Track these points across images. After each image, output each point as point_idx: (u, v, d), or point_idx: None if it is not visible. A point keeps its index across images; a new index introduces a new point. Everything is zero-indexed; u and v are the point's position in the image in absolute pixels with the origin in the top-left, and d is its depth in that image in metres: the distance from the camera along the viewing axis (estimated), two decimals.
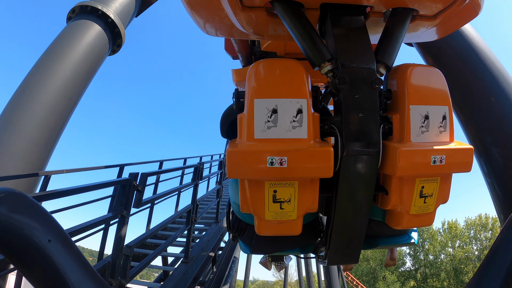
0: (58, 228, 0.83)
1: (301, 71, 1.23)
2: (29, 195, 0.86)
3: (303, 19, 1.25)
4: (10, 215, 0.77)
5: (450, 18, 1.35)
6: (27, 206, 0.81)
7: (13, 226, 0.76)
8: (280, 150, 1.12)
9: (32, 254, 0.76)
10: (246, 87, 1.23)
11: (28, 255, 0.76)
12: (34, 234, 0.77)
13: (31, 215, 0.80)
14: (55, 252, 0.78)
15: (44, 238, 0.78)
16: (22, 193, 0.85)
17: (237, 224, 1.75)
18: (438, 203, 1.32)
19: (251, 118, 1.18)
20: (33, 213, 0.81)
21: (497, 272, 0.90)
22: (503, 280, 0.87)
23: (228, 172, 1.16)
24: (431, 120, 1.25)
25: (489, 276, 0.91)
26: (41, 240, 0.77)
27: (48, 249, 0.77)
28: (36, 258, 0.76)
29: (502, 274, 0.88)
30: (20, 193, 0.84)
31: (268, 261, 3.32)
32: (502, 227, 1.04)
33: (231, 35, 1.57)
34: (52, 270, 0.77)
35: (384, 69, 1.27)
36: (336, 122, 1.21)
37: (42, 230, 0.79)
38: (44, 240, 0.77)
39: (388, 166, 1.21)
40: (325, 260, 1.56)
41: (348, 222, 1.33)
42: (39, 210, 0.83)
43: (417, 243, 1.83)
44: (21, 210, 0.80)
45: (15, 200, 0.81)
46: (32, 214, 0.80)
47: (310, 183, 1.23)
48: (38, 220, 0.80)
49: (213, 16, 1.37)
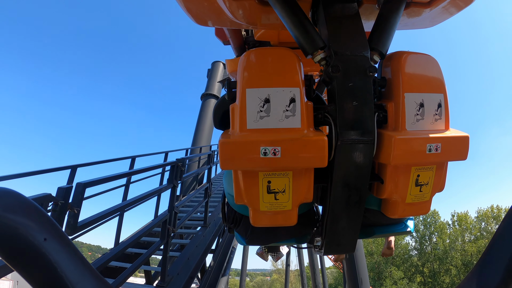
0: (53, 227, 0.83)
1: (293, 59, 1.20)
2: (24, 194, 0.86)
3: (295, 7, 1.22)
4: (4, 215, 0.77)
5: (444, 6, 1.33)
6: (21, 205, 0.81)
7: (8, 225, 0.76)
8: (273, 140, 1.11)
9: (28, 253, 0.76)
10: (238, 77, 1.21)
11: (24, 254, 0.76)
12: (30, 233, 0.77)
13: (26, 214, 0.79)
14: (51, 251, 0.78)
15: (39, 237, 0.77)
16: (16, 192, 0.84)
17: (232, 216, 1.75)
18: (434, 192, 1.33)
19: (243, 108, 1.16)
20: (28, 212, 0.80)
21: (499, 261, 0.89)
22: (506, 269, 0.87)
23: (221, 163, 1.15)
24: (426, 108, 1.23)
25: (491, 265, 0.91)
26: (36, 239, 0.77)
27: (44, 247, 0.77)
28: (33, 257, 0.76)
29: (505, 263, 0.88)
30: (15, 192, 0.83)
31: (265, 252, 3.35)
32: (503, 217, 1.03)
33: (224, 25, 1.54)
34: (49, 269, 0.77)
35: (378, 56, 1.26)
36: (330, 111, 1.20)
37: (38, 229, 0.78)
38: (40, 238, 0.77)
39: (383, 155, 1.21)
40: (321, 250, 1.57)
41: (343, 211, 1.33)
42: (34, 209, 0.82)
43: (413, 231, 1.84)
44: (16, 209, 0.79)
45: (10, 199, 0.81)
46: (27, 213, 0.80)
47: (305, 173, 1.23)
48: (33, 219, 0.80)
49: (205, 6, 1.33)
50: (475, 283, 0.96)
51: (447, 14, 1.45)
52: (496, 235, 1.00)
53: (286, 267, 17.09)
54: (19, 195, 0.83)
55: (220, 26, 1.57)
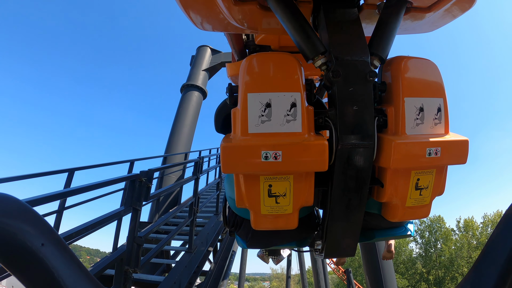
0: (51, 232, 0.82)
1: (294, 64, 1.21)
2: (21, 199, 0.85)
3: (296, 12, 1.23)
4: (2, 220, 0.76)
5: (444, 10, 1.33)
6: (19, 210, 0.80)
7: (5, 231, 0.75)
8: (274, 144, 1.12)
9: (26, 258, 0.75)
10: (240, 82, 1.22)
11: (22, 259, 0.76)
12: (27, 238, 0.76)
13: (24, 219, 0.79)
14: (49, 256, 0.77)
15: (37, 242, 0.77)
16: (14, 197, 0.83)
17: (233, 219, 1.75)
18: (433, 195, 1.33)
19: (245, 112, 1.17)
20: (26, 217, 0.80)
21: (494, 266, 0.90)
22: (499, 275, 0.87)
23: (223, 167, 1.15)
24: (426, 112, 1.24)
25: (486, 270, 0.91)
26: (34, 244, 0.76)
27: (42, 253, 0.76)
28: (30, 263, 0.76)
29: (498, 268, 0.88)
30: (12, 197, 0.83)
31: (265, 255, 3.35)
32: (498, 223, 1.04)
33: (226, 30, 1.55)
34: (46, 274, 0.76)
35: (378, 61, 1.26)
36: (330, 115, 1.21)
37: (35, 234, 0.78)
38: (37, 244, 0.77)
39: (383, 159, 1.21)
40: (322, 253, 1.57)
41: (344, 215, 1.33)
42: (32, 214, 0.81)
43: (413, 235, 1.84)
44: (13, 214, 0.79)
45: (7, 205, 0.80)
46: (25, 218, 0.79)
47: (305, 177, 1.23)
48: (31, 224, 0.79)
49: (207, 11, 1.34)
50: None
51: (447, 19, 1.45)
52: (489, 241, 1.00)
53: (287, 279, 16.44)
54: (16, 200, 0.82)
55: (221, 30, 1.58)
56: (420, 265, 32.65)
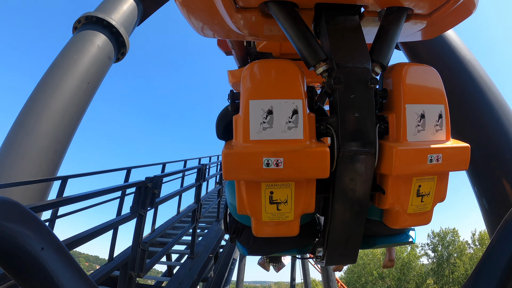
0: (51, 236, 0.82)
1: (296, 71, 1.22)
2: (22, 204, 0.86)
3: (298, 19, 1.24)
4: (3, 224, 0.76)
5: (445, 17, 1.34)
6: (20, 214, 0.81)
7: (6, 234, 0.75)
8: (276, 151, 1.12)
9: (26, 262, 0.76)
10: (241, 88, 1.22)
11: (22, 263, 0.76)
12: (27, 242, 0.76)
13: (24, 224, 0.79)
14: (49, 260, 0.77)
15: (37, 246, 0.77)
16: (15, 201, 0.84)
17: (235, 226, 1.74)
18: (435, 202, 1.32)
19: (247, 119, 1.17)
20: (26, 221, 0.80)
21: (493, 273, 0.90)
22: (499, 281, 0.87)
23: (224, 173, 1.15)
24: (427, 119, 1.24)
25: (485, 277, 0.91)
26: (34, 248, 0.76)
27: (42, 257, 0.77)
28: (30, 267, 0.76)
29: (498, 275, 0.88)
30: (13, 202, 0.83)
31: (266, 262, 3.32)
32: (497, 229, 1.03)
33: (227, 37, 1.56)
34: (46, 278, 0.76)
35: (380, 68, 1.27)
36: (332, 122, 1.21)
37: (35, 238, 0.78)
38: (37, 248, 0.77)
39: (385, 166, 1.21)
40: (323, 260, 1.55)
41: (345, 222, 1.32)
42: (32, 219, 0.82)
43: (415, 242, 1.82)
44: (14, 218, 0.79)
45: (8, 209, 0.80)
46: (25, 223, 0.80)
47: (307, 184, 1.23)
48: (31, 228, 0.79)
49: (208, 18, 1.36)
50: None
51: (448, 25, 1.46)
52: (489, 247, 1.00)
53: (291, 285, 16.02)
54: (17, 204, 0.83)
55: (223, 37, 1.59)
56: (432, 281, 30.58)
